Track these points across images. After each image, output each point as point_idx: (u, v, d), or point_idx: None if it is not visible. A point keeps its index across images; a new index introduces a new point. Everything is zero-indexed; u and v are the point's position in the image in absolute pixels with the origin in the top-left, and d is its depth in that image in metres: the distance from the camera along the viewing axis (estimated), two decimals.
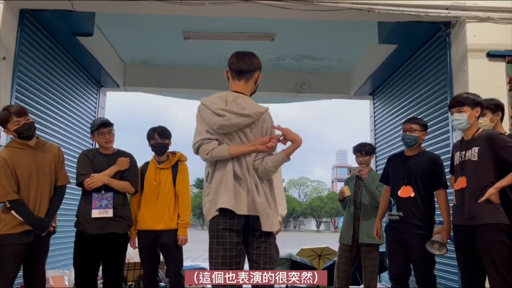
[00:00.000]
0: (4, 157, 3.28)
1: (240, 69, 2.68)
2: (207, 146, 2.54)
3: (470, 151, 3.17)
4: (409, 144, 3.70)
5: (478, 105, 3.20)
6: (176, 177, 3.92)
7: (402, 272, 3.62)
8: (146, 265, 3.93)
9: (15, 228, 3.25)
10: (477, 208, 3.03)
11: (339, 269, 4.58)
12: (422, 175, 3.58)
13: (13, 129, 3.29)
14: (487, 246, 2.99)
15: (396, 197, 3.68)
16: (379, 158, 7.24)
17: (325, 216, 64.47)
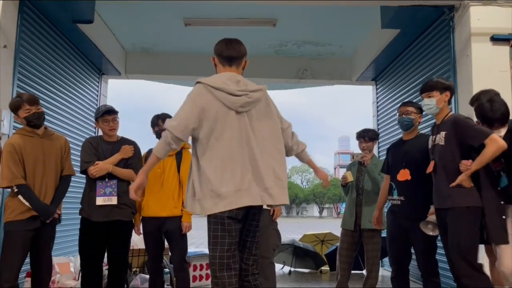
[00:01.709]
0: (13, 143, 3.34)
1: (230, 55, 2.70)
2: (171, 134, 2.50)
3: (439, 135, 3.21)
4: (406, 126, 3.70)
5: (448, 89, 3.26)
6: (180, 164, 3.93)
7: (402, 256, 3.65)
8: (150, 251, 3.96)
9: (22, 215, 3.30)
10: (447, 191, 3.09)
11: (341, 254, 4.60)
12: (419, 157, 3.56)
13: (23, 116, 3.36)
14: (454, 229, 3.03)
15: (395, 181, 3.69)
16: (381, 144, 7.23)
17: (327, 202, 64.76)
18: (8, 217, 3.32)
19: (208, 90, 2.56)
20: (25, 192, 3.31)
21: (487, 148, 2.97)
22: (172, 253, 3.99)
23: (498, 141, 2.96)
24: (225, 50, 2.71)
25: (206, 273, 5.57)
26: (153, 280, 3.94)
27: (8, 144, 3.35)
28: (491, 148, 2.95)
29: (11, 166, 3.28)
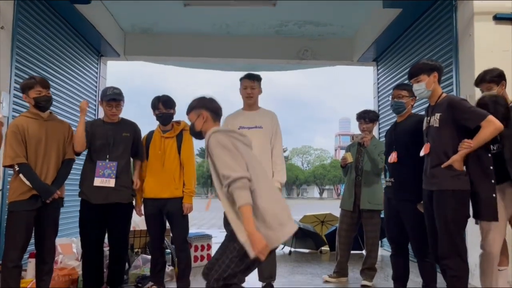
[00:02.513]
0: (17, 123, 3.43)
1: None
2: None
3: (434, 117, 3.19)
4: (397, 110, 3.69)
5: (434, 69, 3.23)
6: (181, 146, 3.93)
7: (398, 237, 3.68)
8: (152, 232, 4.00)
9: (23, 195, 3.34)
10: (437, 173, 3.08)
11: (341, 234, 4.65)
12: (408, 138, 3.56)
13: (33, 96, 3.43)
14: (441, 212, 3.04)
15: (387, 163, 3.72)
16: (382, 125, 7.22)
17: (328, 183, 65.07)
18: (11, 197, 3.38)
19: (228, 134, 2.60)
20: (25, 171, 3.35)
21: (483, 130, 2.95)
22: (173, 234, 4.03)
23: (495, 122, 2.95)
24: (216, 103, 2.80)
25: (207, 254, 5.63)
26: (155, 260, 3.99)
27: (12, 124, 3.44)
28: (488, 129, 2.94)
29: (13, 145, 3.35)
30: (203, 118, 2.71)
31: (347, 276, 4.61)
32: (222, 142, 2.50)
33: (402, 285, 3.70)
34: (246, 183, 2.38)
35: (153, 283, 3.93)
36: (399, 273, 3.71)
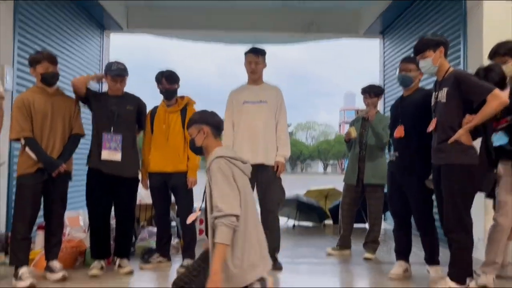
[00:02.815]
0: (23, 98, 3.47)
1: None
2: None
3: (441, 92, 3.16)
4: (405, 84, 3.66)
5: (440, 44, 3.18)
6: (185, 120, 3.94)
7: (401, 211, 3.71)
8: (157, 205, 4.05)
9: (30, 168, 3.41)
10: (445, 148, 3.08)
11: (344, 208, 4.69)
12: (415, 112, 3.54)
13: (40, 72, 3.47)
14: (448, 186, 3.06)
15: (392, 138, 3.70)
16: (388, 100, 7.16)
17: (332, 158, 65.15)
18: (18, 171, 3.46)
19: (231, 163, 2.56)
20: (31, 145, 3.40)
21: (489, 104, 2.93)
22: (178, 207, 4.08)
23: (500, 96, 2.93)
24: (217, 117, 2.78)
25: None
26: (161, 233, 4.05)
27: (19, 99, 3.48)
28: (493, 103, 2.92)
29: (19, 119, 3.39)
30: (203, 133, 2.68)
31: (350, 248, 4.67)
32: (224, 170, 2.49)
33: (405, 258, 3.75)
34: (233, 222, 2.40)
35: (159, 255, 4.00)
36: (401, 247, 3.76)
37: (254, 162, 3.90)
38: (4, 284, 3.35)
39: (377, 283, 3.51)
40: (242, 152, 3.94)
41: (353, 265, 4.17)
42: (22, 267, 3.35)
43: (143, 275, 3.67)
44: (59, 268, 3.50)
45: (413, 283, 3.52)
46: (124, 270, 3.73)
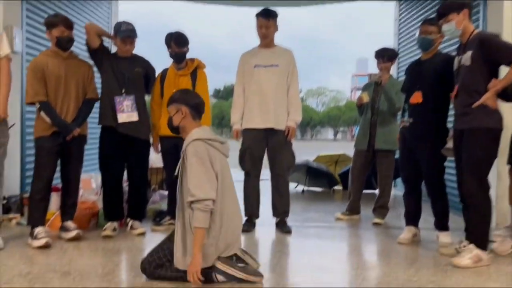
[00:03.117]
0: (36, 61, 3.50)
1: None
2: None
3: (465, 55, 3.07)
4: (425, 46, 3.55)
5: (464, 6, 3.08)
6: (195, 84, 3.90)
7: (412, 176, 3.69)
8: (168, 169, 4.08)
9: (46, 131, 3.48)
10: (470, 112, 3.01)
11: (354, 173, 4.69)
12: (434, 78, 3.47)
13: (56, 35, 3.48)
14: (471, 149, 3.01)
15: (408, 103, 3.63)
16: (401, 64, 7.01)
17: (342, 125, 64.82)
18: (36, 134, 3.53)
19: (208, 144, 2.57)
20: (46, 109, 3.45)
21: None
22: None
23: None
24: (198, 99, 2.77)
25: None
26: (172, 196, 4.10)
27: (32, 62, 3.51)
28: None
29: (33, 83, 3.43)
30: (182, 113, 2.67)
31: (359, 214, 4.71)
32: (200, 153, 2.51)
33: (414, 223, 3.77)
34: (209, 205, 2.46)
35: (170, 218, 4.07)
36: (411, 212, 3.77)
37: (264, 127, 3.90)
38: (20, 243, 3.45)
39: (385, 248, 3.55)
40: (253, 116, 3.93)
41: (361, 230, 4.21)
42: (38, 227, 3.44)
43: (154, 237, 3.75)
44: (74, 227, 3.59)
45: (422, 248, 3.55)
46: (136, 232, 3.81)
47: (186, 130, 2.67)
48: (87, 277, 2.69)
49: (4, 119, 3.36)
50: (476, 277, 2.81)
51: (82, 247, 3.38)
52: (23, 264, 2.93)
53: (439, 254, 3.34)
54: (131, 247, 3.42)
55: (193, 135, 2.58)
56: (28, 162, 4.75)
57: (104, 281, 2.61)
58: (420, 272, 2.91)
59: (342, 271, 2.94)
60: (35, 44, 4.96)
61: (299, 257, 3.25)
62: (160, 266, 2.59)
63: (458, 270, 2.95)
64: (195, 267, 2.44)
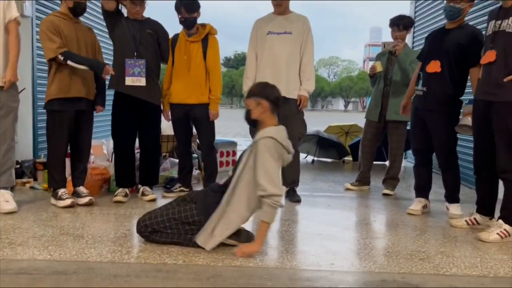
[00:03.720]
0: (51, 20, 3.48)
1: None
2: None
3: (507, 20, 2.89)
4: (451, 16, 3.40)
5: None
6: (206, 51, 3.84)
7: (423, 147, 3.64)
8: (179, 137, 4.08)
9: (62, 94, 3.47)
10: (500, 84, 2.87)
11: (364, 144, 4.65)
12: (457, 49, 3.36)
13: (74, 0, 3.48)
14: (502, 124, 2.90)
15: (423, 71, 3.54)
16: (417, 33, 6.83)
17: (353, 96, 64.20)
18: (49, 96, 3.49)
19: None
20: (71, 56, 3.43)
21: None
22: (200, 139, 4.11)
23: None
24: (277, 92, 2.73)
25: (232, 159, 5.79)
26: (182, 163, 4.13)
27: (46, 21, 3.47)
28: None
29: (51, 38, 3.40)
30: (262, 107, 2.65)
31: (369, 185, 4.70)
32: (272, 151, 2.53)
33: (424, 195, 3.76)
34: (278, 202, 2.48)
35: (181, 185, 4.11)
36: (421, 183, 3.75)
37: None
38: (34, 207, 3.52)
39: (395, 218, 3.55)
40: None
41: (371, 200, 4.21)
42: (60, 189, 3.53)
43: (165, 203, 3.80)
44: (86, 193, 3.64)
45: (431, 219, 3.55)
46: (147, 198, 3.86)
47: (263, 125, 2.68)
48: (99, 240, 2.74)
49: (14, 83, 3.36)
50: (486, 249, 2.82)
51: (94, 212, 3.44)
52: (37, 227, 2.99)
53: (449, 225, 3.34)
54: (142, 212, 3.44)
55: (269, 132, 2.59)
56: (40, 127, 4.79)
57: (116, 245, 2.66)
58: (429, 243, 2.92)
59: (351, 240, 2.96)
60: (46, 9, 4.92)
61: (308, 226, 3.28)
62: (155, 232, 2.65)
63: (467, 242, 2.96)
64: (249, 253, 2.52)
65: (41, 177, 4.36)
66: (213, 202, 2.63)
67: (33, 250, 2.53)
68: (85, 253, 2.51)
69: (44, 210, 3.42)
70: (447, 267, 2.48)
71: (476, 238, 3.01)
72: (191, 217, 2.63)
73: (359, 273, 2.38)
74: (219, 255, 2.53)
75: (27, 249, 2.54)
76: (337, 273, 2.36)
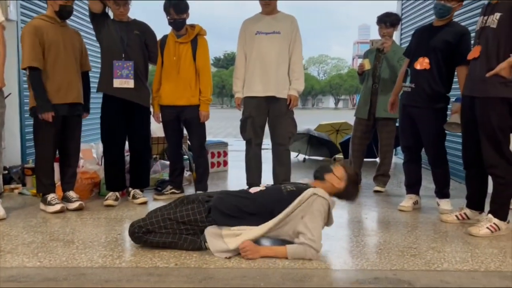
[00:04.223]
0: (34, 24, 3.40)
1: None
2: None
3: (492, 16, 2.93)
4: (442, 14, 3.42)
5: None
6: (196, 52, 3.83)
7: (412, 144, 3.67)
8: (170, 139, 4.06)
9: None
10: (484, 79, 2.89)
11: (354, 142, 4.67)
12: (444, 47, 3.39)
13: (60, 3, 3.42)
14: (486, 119, 2.93)
15: (412, 68, 3.56)
16: (404, 31, 6.88)
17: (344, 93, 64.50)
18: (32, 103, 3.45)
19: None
20: (35, 77, 3.36)
21: None
22: (191, 141, 4.10)
23: None
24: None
25: (223, 160, 5.78)
26: (173, 165, 4.11)
27: (29, 26, 3.40)
28: None
29: (31, 47, 3.33)
30: (342, 181, 2.77)
31: (360, 182, 4.71)
32: (324, 212, 2.60)
33: (415, 191, 3.78)
34: (314, 255, 2.51)
35: (172, 187, 4.09)
36: (412, 180, 3.78)
37: (265, 95, 3.85)
38: (22, 213, 3.48)
39: (386, 215, 3.57)
40: (254, 84, 3.87)
41: (362, 198, 4.22)
42: (50, 194, 3.50)
43: (156, 205, 3.77)
44: (76, 198, 3.61)
45: (422, 215, 3.57)
46: (138, 201, 3.83)
47: (326, 186, 2.75)
48: (90, 245, 2.72)
49: (0, 89, 3.31)
50: (476, 243, 2.84)
51: (85, 216, 3.41)
52: (26, 233, 2.96)
53: (440, 221, 3.37)
54: (133, 216, 3.45)
55: (327, 196, 2.65)
56: (28, 133, 4.74)
57: (107, 250, 2.64)
58: (420, 239, 2.94)
59: (343, 238, 2.97)
60: (31, 12, 4.86)
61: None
62: (149, 232, 2.62)
63: (458, 237, 2.98)
64: (250, 251, 2.49)
65: (29, 183, 4.31)
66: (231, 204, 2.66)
67: (23, 257, 2.50)
68: (75, 259, 2.48)
69: (34, 216, 3.38)
70: (438, 262, 2.50)
71: (466, 233, 3.04)
72: (187, 216, 2.61)
73: (351, 271, 2.38)
74: (211, 257, 2.52)
75: (16, 257, 2.51)
76: (330, 271, 2.37)
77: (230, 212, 2.61)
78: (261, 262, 2.46)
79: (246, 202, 2.65)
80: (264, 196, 2.70)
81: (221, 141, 5.99)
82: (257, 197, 2.69)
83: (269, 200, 2.66)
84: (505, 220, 3.03)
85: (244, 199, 2.68)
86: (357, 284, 2.19)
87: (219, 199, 2.69)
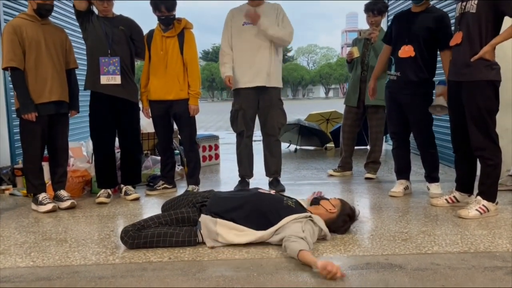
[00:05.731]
0: (13, 24, 3.37)
1: None
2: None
3: (471, 1, 2.97)
4: (418, 0, 3.45)
5: None
6: (183, 45, 3.81)
7: (400, 130, 3.70)
8: (160, 134, 4.05)
9: (35, 99, 3.41)
10: (468, 63, 2.94)
11: (345, 130, 4.69)
12: (426, 33, 3.41)
13: (38, 1, 3.37)
14: (472, 102, 2.97)
15: (396, 56, 3.58)
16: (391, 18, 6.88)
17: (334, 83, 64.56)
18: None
19: None
20: (17, 77, 3.33)
21: None
22: (181, 135, 4.09)
23: None
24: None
25: (215, 153, 5.78)
26: (165, 161, 4.10)
27: (8, 25, 3.36)
28: None
29: (9, 47, 3.30)
30: (334, 213, 2.77)
31: (351, 170, 4.75)
32: (314, 230, 2.58)
33: (405, 176, 3.81)
34: (306, 247, 2.40)
35: (164, 182, 4.09)
36: (401, 166, 3.81)
37: (254, 85, 3.85)
38: (14, 213, 3.46)
39: (378, 201, 3.60)
40: (242, 76, 3.86)
41: (354, 185, 4.26)
42: (41, 193, 3.48)
43: (149, 201, 3.78)
44: (68, 196, 3.60)
45: (413, 200, 3.61)
46: (130, 197, 3.83)
47: (320, 213, 2.76)
48: (83, 243, 2.72)
49: None
50: (466, 225, 2.88)
51: (77, 214, 3.40)
52: (19, 234, 2.95)
53: (430, 205, 3.41)
54: (126, 212, 3.45)
55: (320, 222, 2.66)
56: (16, 133, 4.69)
57: (100, 247, 2.64)
58: (411, 223, 2.98)
59: None
60: (15, 12, 4.79)
61: None
62: (143, 228, 2.61)
63: (448, 220, 3.02)
64: (329, 269, 2.17)
65: (20, 183, 4.29)
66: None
67: (15, 258, 2.49)
68: (68, 257, 2.48)
69: (25, 216, 3.37)
70: (428, 245, 2.54)
71: (456, 216, 3.09)
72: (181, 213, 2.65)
73: (344, 257, 2.41)
74: (204, 250, 2.54)
75: (9, 257, 2.50)
76: (323, 258, 2.39)
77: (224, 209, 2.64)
78: (255, 253, 2.48)
79: (241, 202, 2.68)
80: (265, 199, 2.71)
81: (212, 135, 5.98)
82: (257, 198, 2.71)
83: (267, 204, 2.67)
84: (493, 201, 3.08)
85: (240, 199, 2.70)
86: (349, 270, 2.21)
87: (214, 201, 2.73)
